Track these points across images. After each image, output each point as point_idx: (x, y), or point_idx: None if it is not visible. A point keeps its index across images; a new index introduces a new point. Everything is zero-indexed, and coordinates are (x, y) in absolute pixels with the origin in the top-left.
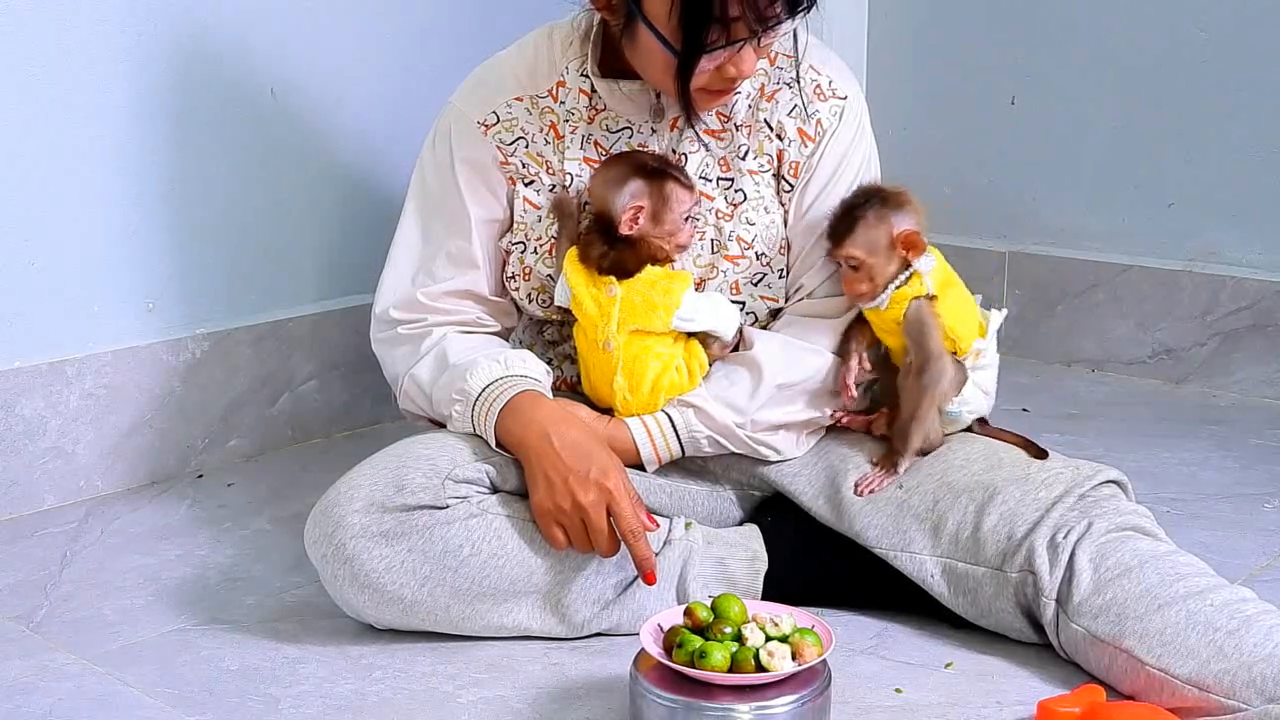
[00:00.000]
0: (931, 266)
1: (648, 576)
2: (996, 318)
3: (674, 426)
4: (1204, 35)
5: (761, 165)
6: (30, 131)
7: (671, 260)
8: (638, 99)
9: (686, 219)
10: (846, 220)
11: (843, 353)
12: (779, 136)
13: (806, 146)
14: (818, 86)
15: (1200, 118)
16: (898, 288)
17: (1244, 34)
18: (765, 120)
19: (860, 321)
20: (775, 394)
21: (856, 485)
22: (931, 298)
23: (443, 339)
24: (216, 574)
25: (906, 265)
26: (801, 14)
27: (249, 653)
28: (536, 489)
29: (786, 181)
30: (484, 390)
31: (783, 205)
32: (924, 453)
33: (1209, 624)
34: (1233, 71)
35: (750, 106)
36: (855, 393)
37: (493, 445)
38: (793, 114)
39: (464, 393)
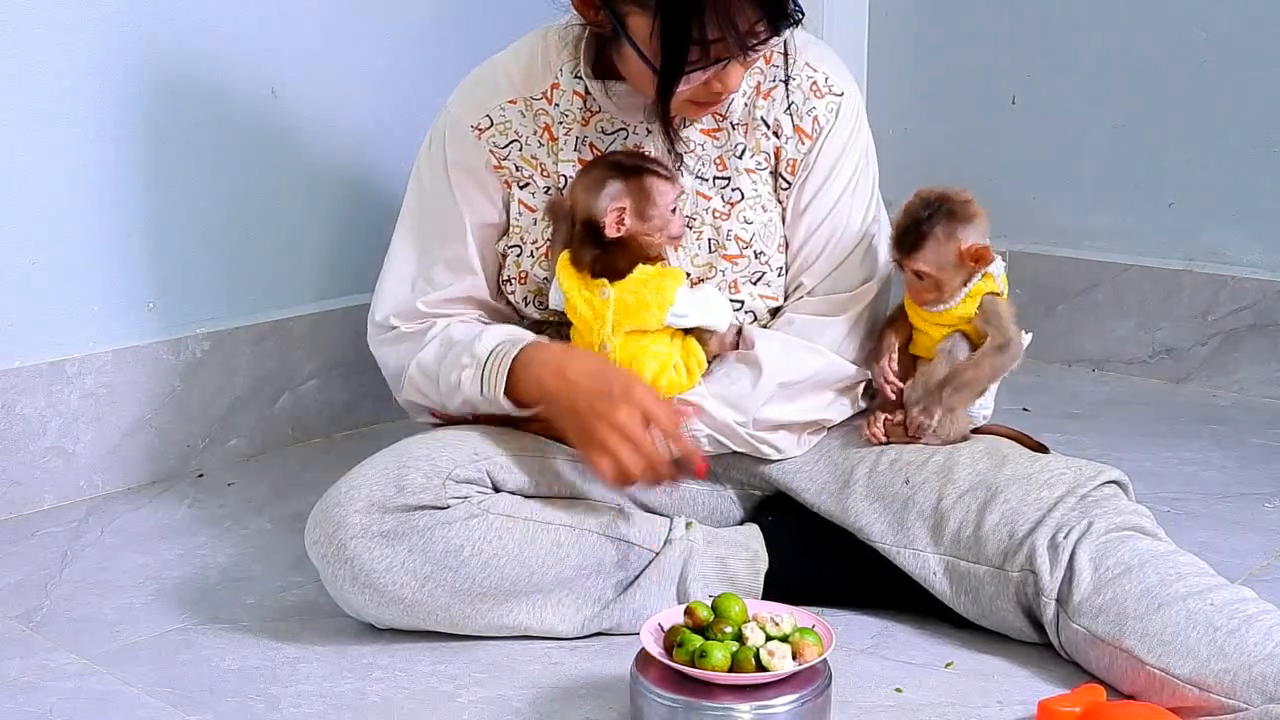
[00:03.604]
0: (1003, 269)
1: (699, 469)
2: (1025, 338)
3: None
4: (1204, 35)
5: (759, 163)
6: (30, 131)
7: (663, 257)
8: (631, 100)
9: (674, 210)
10: (914, 233)
11: (875, 350)
12: (775, 134)
13: (804, 144)
14: (814, 83)
15: (1200, 118)
16: (973, 285)
17: (1244, 34)
18: (762, 118)
19: (894, 321)
20: (777, 392)
21: (886, 419)
22: (999, 294)
23: (446, 327)
24: (216, 574)
25: (973, 273)
26: (786, 30)
27: (249, 652)
28: (569, 429)
29: (784, 179)
30: (493, 350)
31: (780, 203)
32: (947, 443)
33: (1209, 623)
34: (1233, 71)
35: (747, 105)
36: (898, 385)
37: (504, 403)
38: (789, 111)
39: (474, 355)
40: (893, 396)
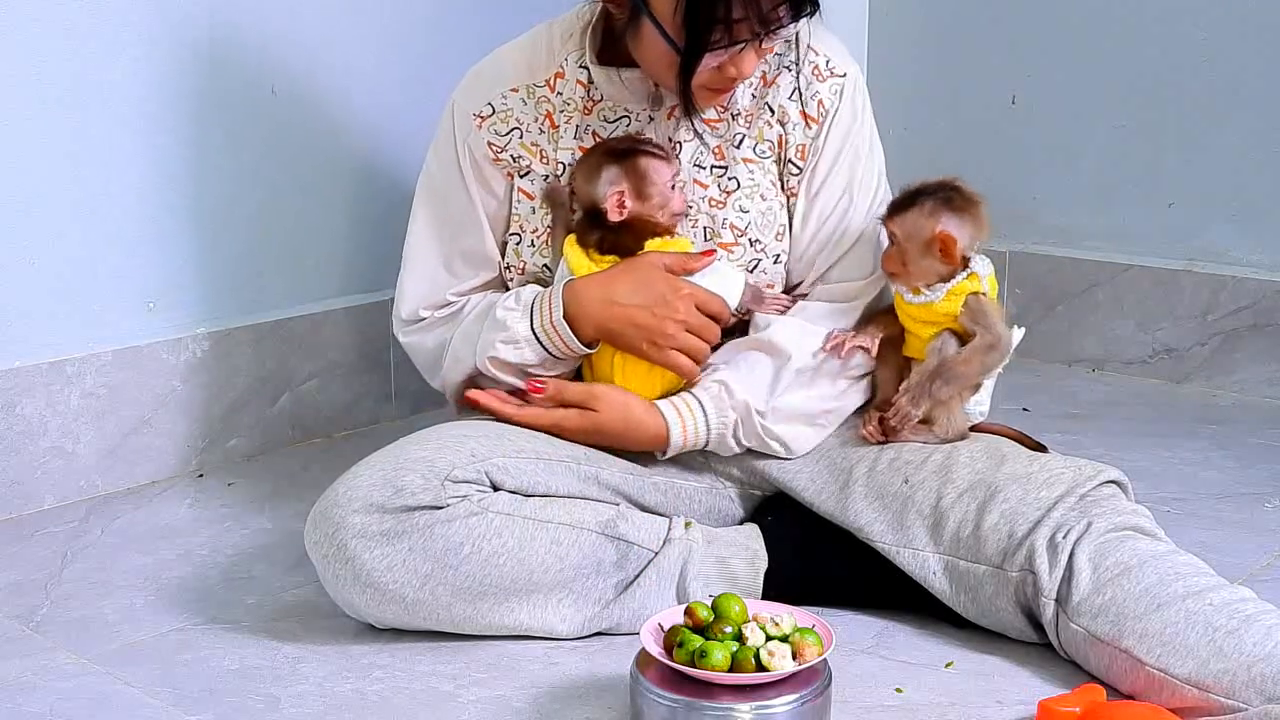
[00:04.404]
0: (989, 272)
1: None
2: (1017, 334)
3: (704, 410)
4: (1204, 35)
5: (762, 152)
6: (31, 130)
7: (671, 232)
8: (636, 87)
9: (673, 187)
10: (907, 199)
11: (858, 332)
12: (780, 122)
13: (810, 128)
14: (815, 67)
15: (1200, 118)
16: (957, 282)
17: (1244, 34)
18: (767, 104)
19: (882, 314)
20: (794, 379)
21: (881, 418)
22: (983, 295)
23: (483, 298)
24: (217, 574)
25: (951, 269)
26: (805, 17)
27: (249, 653)
28: (637, 342)
29: (794, 165)
30: (538, 293)
31: (787, 189)
32: (945, 442)
33: (1208, 623)
34: (1233, 71)
35: (754, 96)
36: (843, 352)
37: (564, 328)
38: (792, 97)
39: (519, 300)
40: (835, 355)
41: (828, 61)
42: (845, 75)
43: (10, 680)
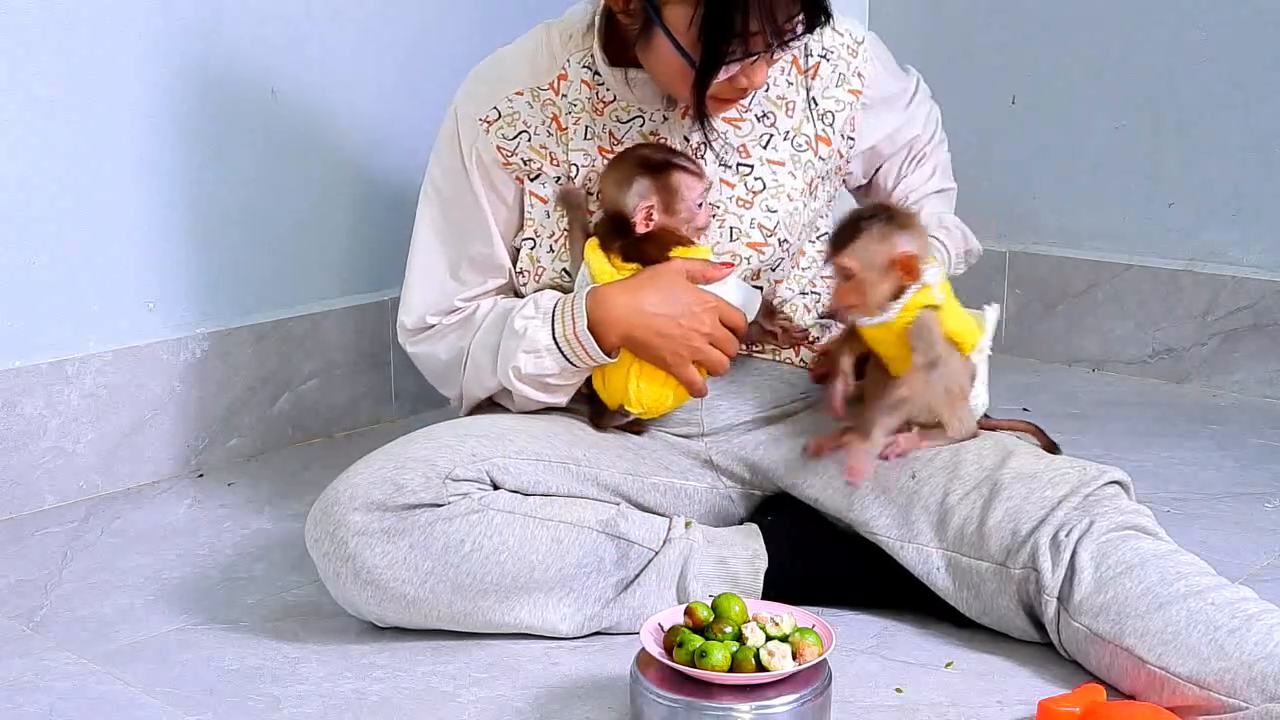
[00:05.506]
0: (939, 280)
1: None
2: (993, 314)
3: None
4: (1204, 35)
5: (799, 146)
6: (31, 130)
7: (693, 241)
8: (649, 87)
9: (700, 204)
10: (850, 230)
11: (830, 370)
12: (834, 112)
13: (861, 99)
14: (849, 47)
15: (1200, 118)
16: (909, 297)
17: (1244, 34)
18: (814, 97)
19: (847, 340)
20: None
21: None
22: (937, 307)
23: (494, 305)
24: (217, 574)
25: (902, 286)
26: (818, 27)
27: (249, 652)
28: (661, 352)
29: (849, 139)
30: (558, 300)
31: (844, 157)
32: (955, 442)
33: (1210, 623)
34: (1233, 71)
35: (790, 83)
36: (842, 412)
37: (587, 338)
38: (840, 85)
39: (538, 307)
40: (840, 412)
41: (850, 34)
42: (863, 40)
43: (10, 680)
